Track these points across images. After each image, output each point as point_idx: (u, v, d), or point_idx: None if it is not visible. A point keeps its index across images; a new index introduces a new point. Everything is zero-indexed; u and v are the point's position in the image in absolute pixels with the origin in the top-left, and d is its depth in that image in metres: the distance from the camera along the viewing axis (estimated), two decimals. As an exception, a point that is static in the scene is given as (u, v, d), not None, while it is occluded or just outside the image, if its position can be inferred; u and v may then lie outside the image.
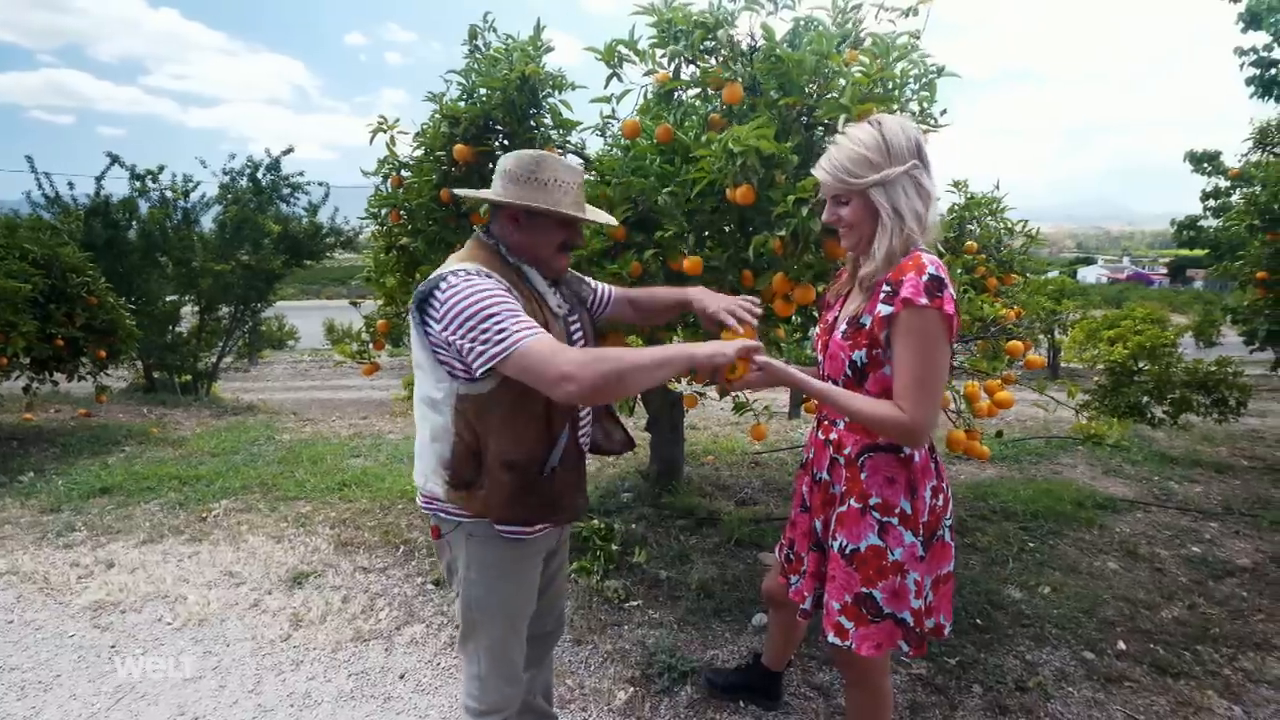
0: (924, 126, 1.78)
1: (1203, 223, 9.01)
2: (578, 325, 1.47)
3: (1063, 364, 12.84)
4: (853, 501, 1.38)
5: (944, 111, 1.89)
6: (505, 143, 2.50)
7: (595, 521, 3.03)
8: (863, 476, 1.37)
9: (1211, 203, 8.73)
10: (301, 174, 8.37)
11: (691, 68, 2.03)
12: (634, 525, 3.26)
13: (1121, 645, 2.36)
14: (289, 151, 8.23)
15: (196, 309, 8.29)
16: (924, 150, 1.26)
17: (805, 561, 1.52)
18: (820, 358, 1.42)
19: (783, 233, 1.63)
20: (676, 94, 2.08)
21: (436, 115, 2.44)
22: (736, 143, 1.60)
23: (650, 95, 2.10)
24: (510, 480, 1.29)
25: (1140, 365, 7.22)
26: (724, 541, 3.12)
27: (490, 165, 2.59)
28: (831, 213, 1.32)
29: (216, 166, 8.05)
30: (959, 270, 2.59)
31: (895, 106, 1.72)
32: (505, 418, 1.27)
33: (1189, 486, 4.00)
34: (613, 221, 1.42)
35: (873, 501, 1.36)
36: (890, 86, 1.71)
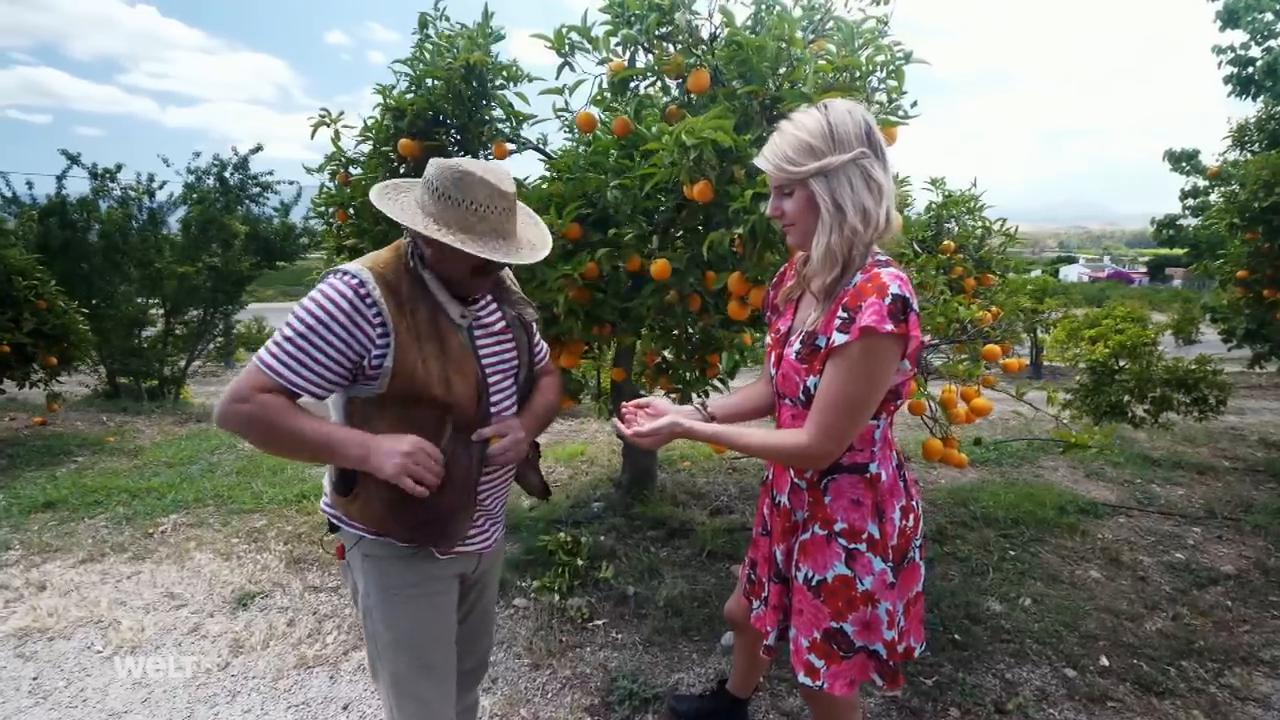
0: (893, 119, 1.67)
1: (1181, 222, 9.04)
2: (509, 345, 1.34)
3: (1045, 363, 12.88)
4: (816, 528, 1.26)
5: (915, 103, 1.77)
6: (458, 137, 2.36)
7: (561, 534, 2.90)
8: (826, 500, 1.25)
9: (1190, 202, 8.77)
10: (271, 173, 8.14)
11: (648, 56, 1.91)
12: (603, 537, 3.13)
13: (1104, 661, 2.27)
14: (258, 150, 7.99)
15: (162, 312, 8.03)
16: (876, 137, 1.12)
17: (767, 589, 1.39)
18: (773, 371, 1.29)
19: (740, 230, 1.51)
20: (632, 84, 1.95)
21: (381, 108, 2.29)
22: (690, 134, 1.47)
23: (604, 85, 1.97)
24: (387, 492, 1.19)
25: (1121, 364, 7.19)
26: (696, 553, 3.00)
27: (443, 161, 2.44)
28: (775, 206, 1.19)
29: (181, 165, 7.79)
30: (934, 270, 2.49)
31: (861, 96, 1.60)
32: (392, 424, 1.20)
33: (1171, 489, 3.94)
34: (537, 258, 1.26)
35: (838, 527, 1.24)
36: (856, 75, 1.59)
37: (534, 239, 1.29)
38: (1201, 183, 8.49)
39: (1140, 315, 9.31)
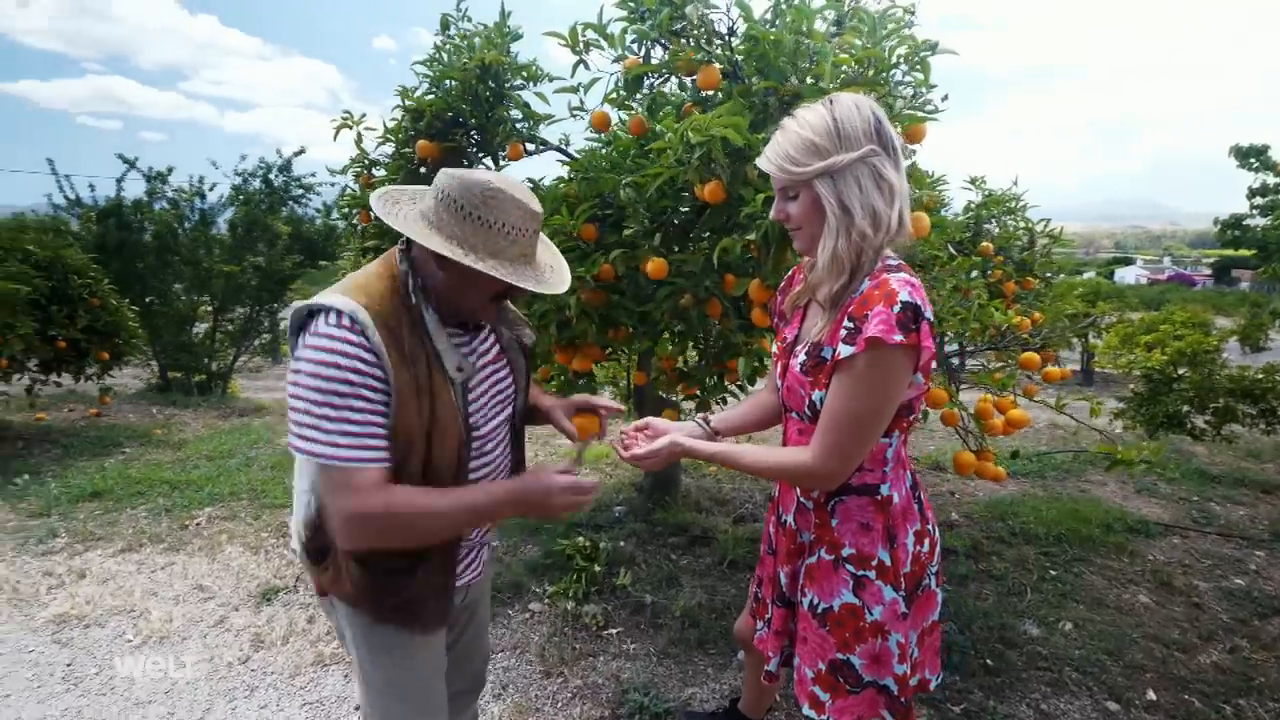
0: (919, 114, 1.57)
1: (1249, 221, 8.47)
2: (505, 372, 1.23)
3: (1096, 370, 12.28)
4: (823, 552, 1.18)
5: (946, 97, 1.67)
6: (476, 137, 2.35)
7: (580, 539, 2.87)
8: (833, 523, 1.17)
9: (1259, 200, 8.20)
10: (314, 175, 8.36)
11: (664, 53, 1.85)
12: (622, 543, 3.08)
13: (1151, 695, 2.11)
14: (301, 152, 8.22)
15: (211, 310, 8.34)
16: (886, 133, 1.04)
17: (770, 612, 1.32)
18: (779, 384, 1.22)
19: (752, 235, 1.44)
20: (648, 81, 1.90)
21: (401, 109, 2.29)
22: (697, 132, 1.41)
23: (619, 83, 1.92)
24: (358, 574, 1.09)
25: (1180, 372, 6.78)
26: (717, 562, 2.93)
27: (463, 162, 2.44)
28: (779, 209, 1.11)
29: (230, 168, 8.07)
30: (971, 273, 2.37)
31: (884, 91, 1.51)
32: None
33: (1232, 508, 3.68)
34: (563, 288, 1.13)
35: (845, 552, 1.16)
36: (878, 68, 1.50)
37: (551, 262, 1.18)
38: (1271, 180, 7.94)
39: (1202, 320, 8.76)
